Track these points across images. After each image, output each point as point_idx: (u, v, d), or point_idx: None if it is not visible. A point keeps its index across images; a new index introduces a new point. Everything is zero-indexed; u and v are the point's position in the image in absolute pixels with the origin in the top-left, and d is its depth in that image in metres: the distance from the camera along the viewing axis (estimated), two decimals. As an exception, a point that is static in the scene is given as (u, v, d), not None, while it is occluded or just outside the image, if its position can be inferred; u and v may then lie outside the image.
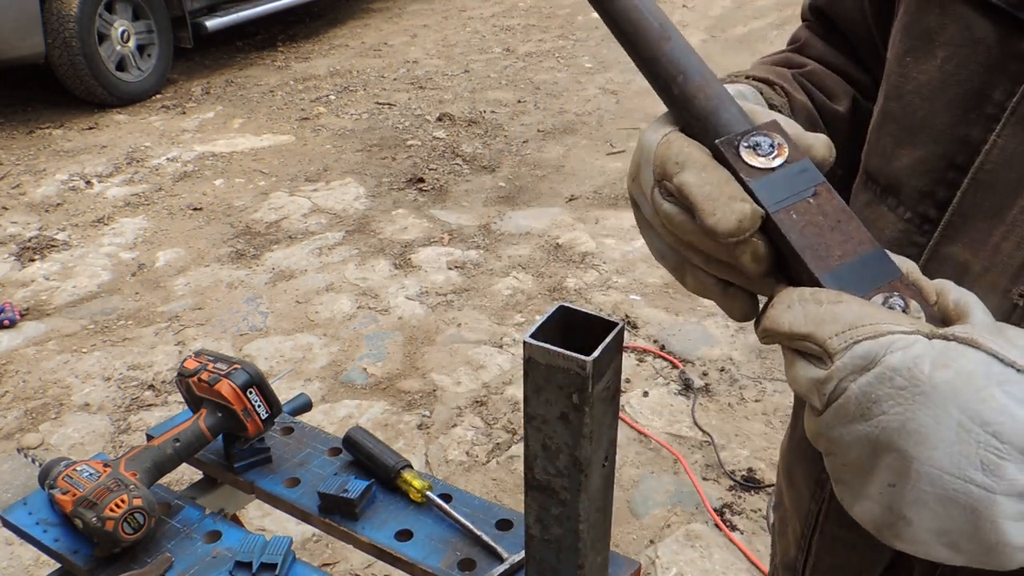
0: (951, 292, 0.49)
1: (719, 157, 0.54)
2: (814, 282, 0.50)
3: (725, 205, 0.51)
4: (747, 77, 0.77)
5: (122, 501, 1.09)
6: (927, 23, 0.64)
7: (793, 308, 0.48)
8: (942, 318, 0.48)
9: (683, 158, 0.54)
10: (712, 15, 7.30)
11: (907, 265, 0.51)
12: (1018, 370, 0.41)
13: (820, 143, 0.56)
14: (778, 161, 0.53)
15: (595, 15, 7.75)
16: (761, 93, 0.73)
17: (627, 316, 3.25)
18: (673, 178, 0.54)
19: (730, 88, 0.72)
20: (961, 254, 0.60)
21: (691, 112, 0.56)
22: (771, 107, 0.73)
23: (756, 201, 0.52)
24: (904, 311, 0.47)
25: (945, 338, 0.43)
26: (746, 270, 0.53)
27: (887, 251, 0.51)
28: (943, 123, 0.61)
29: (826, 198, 0.52)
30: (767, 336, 0.50)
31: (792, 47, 0.87)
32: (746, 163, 0.53)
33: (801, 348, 0.48)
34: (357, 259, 3.72)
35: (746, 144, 0.54)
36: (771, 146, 0.54)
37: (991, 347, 0.42)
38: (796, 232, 0.51)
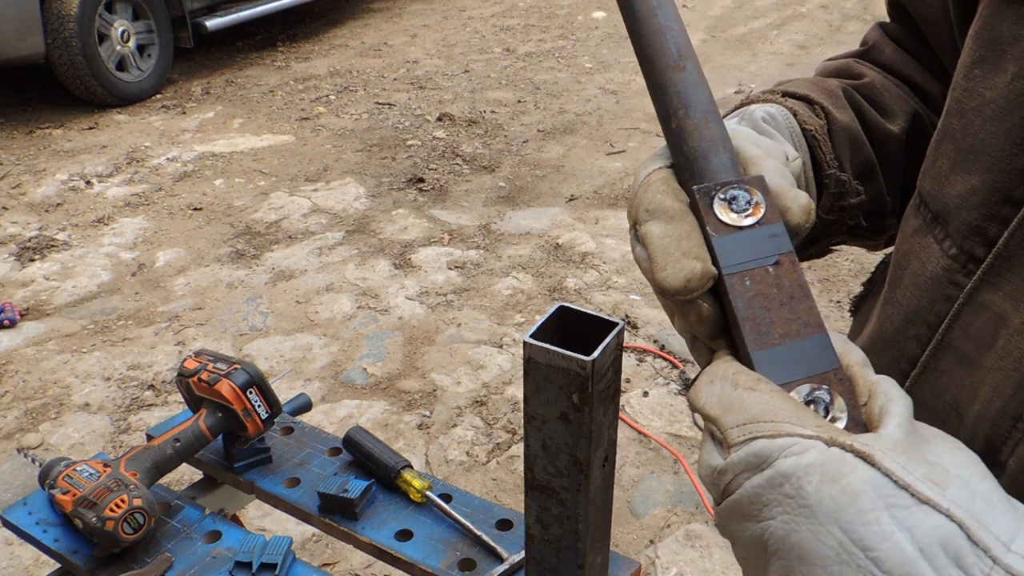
0: (880, 396, 0.45)
1: (693, 204, 0.53)
2: (747, 358, 0.48)
3: (677, 262, 0.50)
4: (785, 95, 0.73)
5: (122, 501, 1.09)
6: (1000, 30, 0.55)
7: (713, 385, 0.46)
8: (866, 421, 0.46)
9: (655, 206, 0.53)
10: (712, 15, 7.30)
11: (852, 356, 0.48)
12: (912, 494, 0.39)
13: (797, 207, 0.53)
14: (750, 220, 0.51)
15: (594, 15, 7.74)
16: (796, 114, 0.69)
17: (627, 316, 3.25)
18: (641, 225, 0.53)
19: (760, 108, 0.69)
20: (1000, 304, 0.52)
21: (682, 150, 0.55)
22: (804, 131, 0.69)
23: (714, 259, 0.50)
24: (827, 407, 0.45)
25: (844, 448, 0.41)
26: (693, 329, 0.52)
27: (833, 337, 0.49)
28: (1003, 150, 0.53)
29: (787, 269, 0.50)
30: (690, 406, 0.48)
31: (861, 49, 0.82)
32: (716, 216, 0.51)
33: (710, 430, 0.46)
34: (357, 259, 3.72)
35: (722, 196, 0.52)
36: (748, 203, 0.52)
37: (888, 466, 0.39)
38: (743, 300, 0.49)
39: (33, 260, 3.73)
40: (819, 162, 0.70)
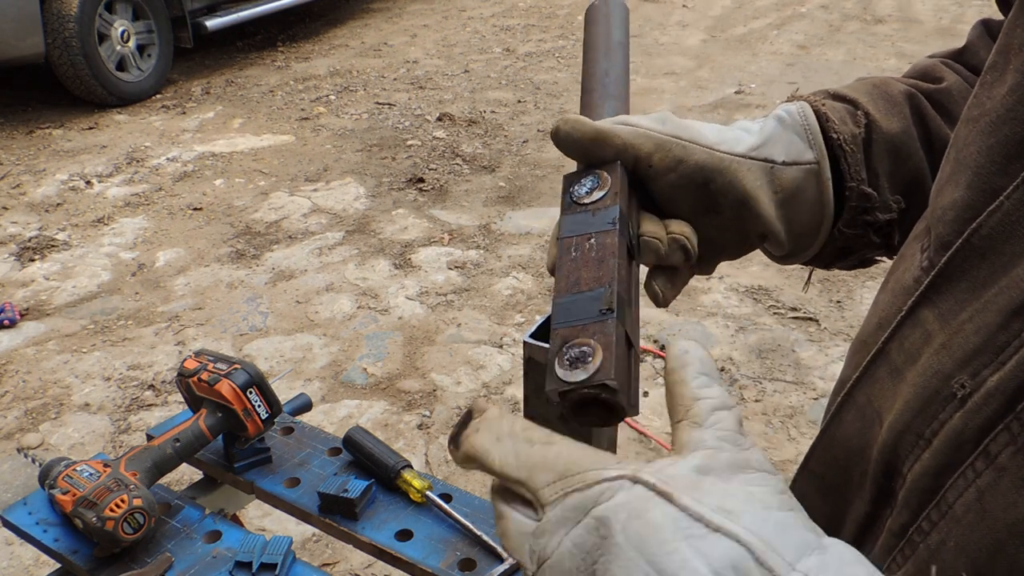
0: (695, 420, 0.46)
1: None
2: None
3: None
4: (832, 96, 0.71)
5: (122, 501, 1.09)
6: (1011, 36, 0.52)
7: (503, 444, 0.46)
8: (675, 442, 0.47)
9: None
10: (712, 15, 7.30)
11: (687, 368, 0.49)
12: (706, 524, 0.41)
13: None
14: (587, 200, 0.60)
15: (595, 15, 7.80)
16: (827, 119, 0.68)
17: (627, 316, 3.25)
18: None
19: (784, 108, 0.69)
20: (932, 322, 0.53)
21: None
22: (827, 140, 0.67)
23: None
24: (584, 361, 0.48)
25: (647, 486, 0.43)
26: None
27: (681, 343, 0.52)
28: (983, 167, 0.52)
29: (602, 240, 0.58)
30: (468, 462, 0.47)
31: (956, 49, 0.78)
32: (568, 198, 0.61)
33: (515, 490, 0.46)
34: (357, 259, 3.72)
35: (577, 184, 0.62)
36: (590, 189, 0.61)
37: (683, 502, 0.42)
38: (561, 253, 0.57)
39: (33, 260, 3.73)
40: (842, 173, 0.68)
